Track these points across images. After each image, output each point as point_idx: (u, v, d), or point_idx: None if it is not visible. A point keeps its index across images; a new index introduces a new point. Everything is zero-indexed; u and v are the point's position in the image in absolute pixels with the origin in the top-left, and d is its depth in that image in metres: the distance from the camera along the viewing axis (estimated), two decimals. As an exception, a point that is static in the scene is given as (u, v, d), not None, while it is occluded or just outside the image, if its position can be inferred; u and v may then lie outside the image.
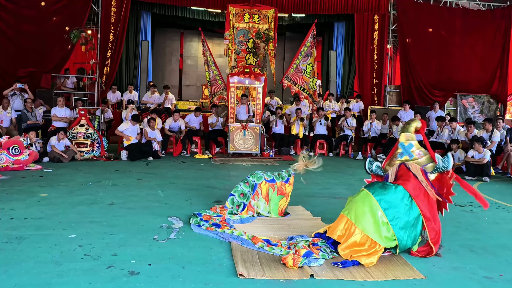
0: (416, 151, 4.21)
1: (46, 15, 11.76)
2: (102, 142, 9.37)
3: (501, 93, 13.54)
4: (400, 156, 4.23)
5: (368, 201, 3.79)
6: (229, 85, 10.40)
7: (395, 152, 4.32)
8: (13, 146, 7.80)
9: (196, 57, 17.75)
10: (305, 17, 15.20)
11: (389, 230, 3.71)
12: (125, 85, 13.56)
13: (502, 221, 5.28)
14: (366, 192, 3.88)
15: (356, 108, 13.10)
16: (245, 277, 3.27)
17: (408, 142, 4.25)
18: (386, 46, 13.99)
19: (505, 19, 13.42)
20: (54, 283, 3.07)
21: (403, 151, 4.24)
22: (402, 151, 4.25)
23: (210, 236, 4.23)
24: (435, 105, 11.99)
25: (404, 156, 4.21)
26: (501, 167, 9.32)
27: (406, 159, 4.18)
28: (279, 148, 11.11)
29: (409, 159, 4.17)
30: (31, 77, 11.20)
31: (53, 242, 3.88)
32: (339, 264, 3.57)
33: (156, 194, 6.04)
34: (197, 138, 10.74)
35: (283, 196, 5.11)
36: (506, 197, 6.73)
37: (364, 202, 3.81)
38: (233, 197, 5.10)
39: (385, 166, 4.34)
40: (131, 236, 4.13)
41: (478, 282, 3.40)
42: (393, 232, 3.71)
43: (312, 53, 11.38)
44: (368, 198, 3.82)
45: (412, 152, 4.21)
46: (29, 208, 5.03)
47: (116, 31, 12.84)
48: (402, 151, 4.24)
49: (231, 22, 11.47)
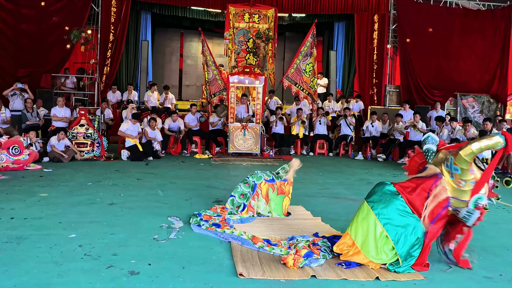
0: (460, 180, 3.56)
1: (46, 15, 11.76)
2: (102, 142, 9.37)
3: (501, 93, 13.54)
4: (446, 167, 3.66)
5: (369, 219, 3.62)
6: (229, 85, 10.40)
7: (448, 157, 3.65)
8: (13, 146, 7.80)
9: (196, 57, 17.73)
10: (305, 17, 15.19)
11: (389, 245, 3.54)
12: (125, 85, 13.56)
13: (502, 221, 5.28)
14: (367, 207, 3.68)
15: (356, 108, 13.11)
16: (245, 277, 3.27)
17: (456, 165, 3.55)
18: (386, 46, 13.99)
19: (505, 19, 13.41)
20: (54, 283, 3.07)
21: (449, 167, 3.63)
22: (448, 166, 3.64)
23: (210, 236, 4.23)
24: (437, 105, 11.98)
25: (446, 171, 3.65)
26: (501, 167, 9.32)
27: (446, 173, 3.65)
28: (279, 148, 11.11)
29: (447, 176, 3.64)
30: (31, 77, 11.19)
31: (53, 242, 3.88)
32: (343, 265, 3.56)
33: (156, 194, 6.04)
34: (197, 138, 10.74)
35: (284, 196, 5.11)
36: (506, 197, 6.72)
37: (367, 221, 3.62)
38: (233, 198, 5.10)
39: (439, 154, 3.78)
40: (131, 236, 4.13)
41: (478, 282, 3.40)
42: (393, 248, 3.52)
43: (312, 53, 11.37)
44: (369, 215, 3.63)
45: (454, 175, 3.60)
46: (29, 208, 5.03)
47: (116, 31, 12.84)
48: (448, 166, 3.65)
49: (231, 22, 11.46)
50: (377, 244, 3.55)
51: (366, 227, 3.61)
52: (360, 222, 3.67)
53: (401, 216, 3.58)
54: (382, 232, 3.55)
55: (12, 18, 11.50)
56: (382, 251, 3.55)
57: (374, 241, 3.56)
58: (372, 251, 3.56)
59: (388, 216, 3.57)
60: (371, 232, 3.58)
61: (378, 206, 3.64)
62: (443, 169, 3.70)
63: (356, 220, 3.73)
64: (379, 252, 3.55)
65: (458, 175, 3.58)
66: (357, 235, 3.64)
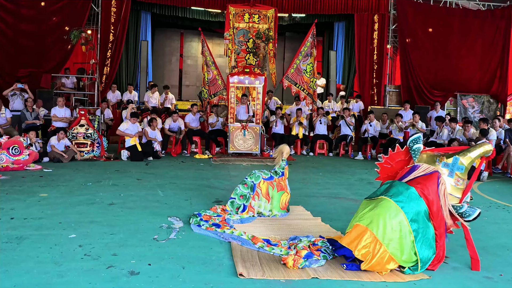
0: (459, 178, 3.73)
1: (46, 15, 11.77)
2: (102, 142, 9.37)
3: (501, 93, 13.56)
4: (442, 166, 3.78)
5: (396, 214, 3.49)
6: (229, 85, 10.40)
7: (442, 158, 3.81)
8: (13, 146, 7.80)
9: (196, 57, 17.74)
10: (305, 17, 15.20)
11: (413, 249, 3.47)
12: (125, 85, 13.56)
13: (502, 221, 5.28)
14: (394, 204, 3.54)
15: (356, 108, 13.11)
16: (245, 277, 3.27)
17: (462, 164, 3.73)
18: (386, 46, 14.00)
19: (505, 19, 13.43)
20: (54, 283, 3.07)
21: (450, 167, 3.75)
22: (449, 166, 3.76)
23: (210, 236, 4.23)
24: (437, 105, 11.98)
25: (444, 169, 3.76)
26: (501, 167, 9.33)
27: (445, 171, 3.77)
28: (279, 148, 11.09)
29: (445, 174, 3.76)
30: (31, 77, 11.21)
31: (53, 242, 3.87)
32: (344, 266, 3.52)
33: (156, 194, 6.04)
34: (197, 138, 10.74)
35: (283, 192, 5.14)
36: (506, 197, 6.73)
37: (390, 214, 3.48)
38: (233, 200, 5.09)
39: (422, 154, 3.90)
40: (131, 236, 4.13)
41: (478, 282, 3.40)
42: (416, 250, 3.48)
43: (312, 53, 11.38)
44: (396, 211, 3.49)
45: (453, 174, 3.74)
46: (29, 208, 5.03)
47: (116, 31, 12.85)
48: (448, 165, 3.76)
49: (231, 22, 11.47)
50: (404, 247, 3.45)
51: (398, 228, 3.47)
52: (387, 220, 3.47)
53: (426, 221, 3.56)
54: (410, 236, 3.48)
55: (12, 18, 11.50)
56: (406, 253, 3.46)
57: (400, 242, 3.45)
58: (397, 252, 3.44)
59: (416, 218, 3.52)
60: (401, 232, 3.46)
61: (409, 209, 3.52)
62: (439, 167, 3.79)
63: (382, 218, 3.49)
64: (405, 253, 3.45)
65: (460, 174, 3.74)
66: (385, 236, 3.44)
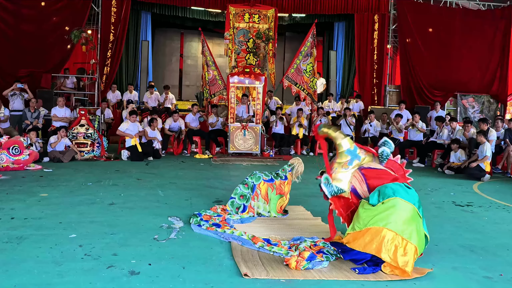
0: (361, 152, 4.02)
1: (46, 15, 11.76)
2: (102, 142, 9.37)
3: (501, 93, 13.54)
4: (351, 164, 3.95)
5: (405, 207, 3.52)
6: (229, 85, 10.40)
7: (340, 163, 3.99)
8: (13, 146, 7.80)
9: (196, 57, 17.74)
10: (305, 17, 15.20)
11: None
12: (125, 85, 13.57)
13: (502, 221, 5.27)
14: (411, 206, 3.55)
15: (356, 108, 13.10)
16: (250, 277, 3.26)
17: (352, 146, 4.00)
18: (386, 46, 13.99)
19: (505, 19, 13.42)
20: (54, 283, 3.07)
21: (352, 156, 3.96)
22: (351, 157, 3.96)
23: (210, 236, 4.23)
24: (436, 105, 11.97)
25: (355, 161, 3.94)
26: (501, 167, 9.32)
27: (358, 164, 3.95)
28: (279, 148, 11.11)
29: (359, 162, 3.97)
30: (31, 77, 11.20)
31: (53, 242, 3.87)
32: (356, 270, 3.45)
33: (156, 194, 6.04)
34: (197, 138, 10.74)
35: (282, 196, 5.13)
36: (506, 197, 6.73)
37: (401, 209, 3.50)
38: (233, 200, 5.10)
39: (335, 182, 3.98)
40: (131, 236, 4.13)
41: (478, 282, 3.40)
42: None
43: (312, 53, 11.38)
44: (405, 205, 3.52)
45: (359, 154, 3.99)
46: (29, 208, 5.03)
47: (116, 31, 12.84)
48: (351, 158, 3.96)
49: (231, 22, 11.48)
50: (421, 234, 3.55)
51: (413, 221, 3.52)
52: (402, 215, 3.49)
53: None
54: (421, 221, 3.59)
55: (12, 18, 11.49)
56: (422, 239, 3.58)
57: (418, 233, 3.52)
58: (420, 242, 3.50)
59: (419, 204, 3.64)
60: (416, 223, 3.54)
61: (414, 200, 3.60)
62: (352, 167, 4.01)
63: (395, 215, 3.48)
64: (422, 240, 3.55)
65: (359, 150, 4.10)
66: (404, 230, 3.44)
